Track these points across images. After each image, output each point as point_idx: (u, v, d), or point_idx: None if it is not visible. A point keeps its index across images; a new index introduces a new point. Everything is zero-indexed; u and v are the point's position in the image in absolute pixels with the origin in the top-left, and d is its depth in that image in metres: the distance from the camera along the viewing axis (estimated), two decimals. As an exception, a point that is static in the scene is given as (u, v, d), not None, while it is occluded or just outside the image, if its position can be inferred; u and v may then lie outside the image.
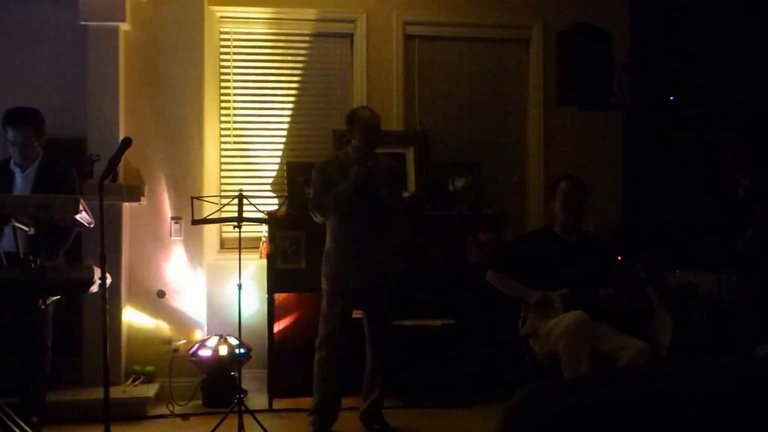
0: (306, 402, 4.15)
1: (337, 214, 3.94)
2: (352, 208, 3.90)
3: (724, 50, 4.80)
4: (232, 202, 3.87)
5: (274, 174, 5.14)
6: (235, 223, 3.78)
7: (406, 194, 4.62)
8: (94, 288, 3.26)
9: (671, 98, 4.60)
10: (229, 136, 5.12)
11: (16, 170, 3.88)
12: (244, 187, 4.86)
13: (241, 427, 3.70)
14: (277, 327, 4.71)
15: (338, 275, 3.95)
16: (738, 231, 4.23)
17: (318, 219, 3.97)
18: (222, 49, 5.11)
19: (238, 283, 3.84)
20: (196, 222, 4.03)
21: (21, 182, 3.87)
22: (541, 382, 0.64)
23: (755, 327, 4.06)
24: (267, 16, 5.11)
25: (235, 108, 5.13)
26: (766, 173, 4.06)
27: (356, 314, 4.06)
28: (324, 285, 4.01)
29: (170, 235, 4.80)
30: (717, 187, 4.61)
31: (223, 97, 5.11)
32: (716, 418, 0.56)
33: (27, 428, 3.26)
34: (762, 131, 4.36)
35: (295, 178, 4.82)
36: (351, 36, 5.20)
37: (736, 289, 4.23)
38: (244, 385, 4.10)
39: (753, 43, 4.71)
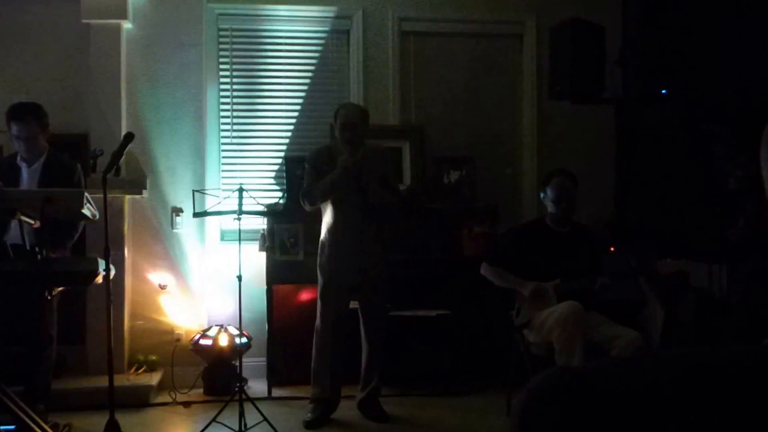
0: (304, 390, 4.23)
1: (331, 205, 3.99)
2: (342, 195, 3.95)
3: (716, 43, 4.86)
4: (232, 195, 3.91)
5: (273, 167, 5.22)
6: (235, 216, 3.82)
7: (401, 187, 4.68)
8: (99, 279, 3.33)
9: (663, 92, 4.64)
10: (228, 130, 5.19)
11: (23, 166, 3.90)
12: (244, 181, 4.92)
13: (241, 414, 3.74)
14: (276, 317, 4.77)
15: (333, 267, 4.01)
16: (729, 222, 4.29)
17: (307, 208, 4.03)
18: (221, 45, 5.17)
19: (238, 274, 3.88)
20: (197, 215, 4.09)
21: (27, 178, 3.89)
22: (555, 371, 0.59)
23: (745, 318, 4.14)
24: (264, 12, 5.17)
25: (234, 103, 5.20)
26: (756, 165, 4.13)
27: (353, 304, 4.13)
28: (319, 277, 4.07)
29: (172, 227, 4.87)
30: (708, 179, 4.68)
31: (222, 93, 5.17)
32: (747, 412, 0.52)
33: (34, 415, 3.30)
34: (752, 123, 4.42)
35: (293, 171, 4.88)
36: (347, 32, 5.27)
37: (727, 280, 4.31)
38: (244, 374, 4.15)
39: (744, 36, 4.77)
